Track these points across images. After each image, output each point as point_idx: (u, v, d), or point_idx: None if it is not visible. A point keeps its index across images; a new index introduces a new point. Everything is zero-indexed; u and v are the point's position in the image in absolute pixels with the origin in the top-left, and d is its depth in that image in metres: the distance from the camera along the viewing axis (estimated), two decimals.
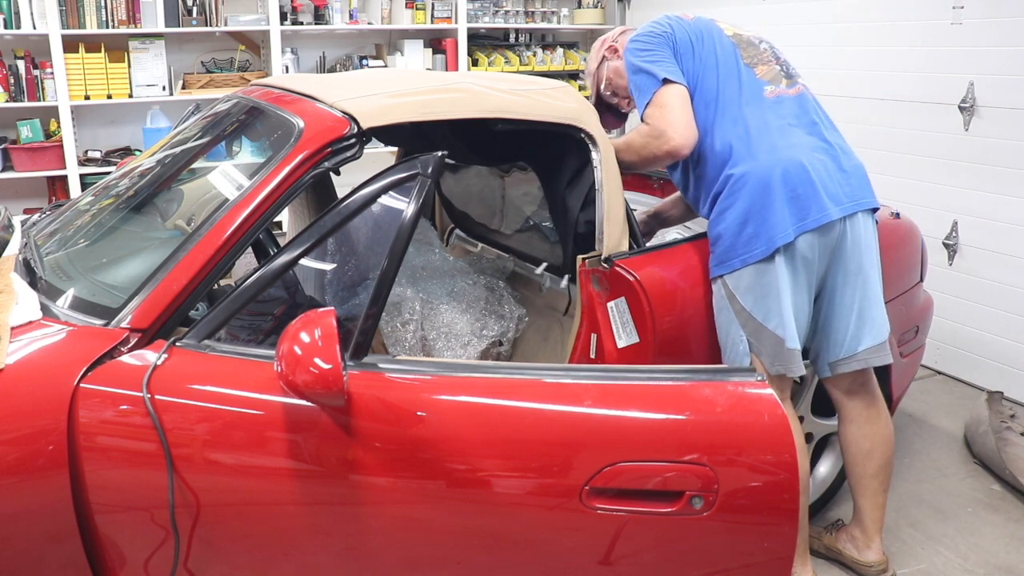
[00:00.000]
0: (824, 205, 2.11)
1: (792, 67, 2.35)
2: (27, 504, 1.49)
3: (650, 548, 1.55)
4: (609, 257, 2.13)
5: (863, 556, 2.41)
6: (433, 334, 2.44)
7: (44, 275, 1.88)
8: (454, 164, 2.98)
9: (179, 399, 1.54)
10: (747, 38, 2.33)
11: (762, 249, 2.10)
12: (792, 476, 1.50)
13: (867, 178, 2.24)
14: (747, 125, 2.17)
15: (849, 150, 2.25)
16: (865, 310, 2.20)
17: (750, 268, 2.12)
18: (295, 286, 2.12)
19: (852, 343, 2.21)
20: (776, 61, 2.31)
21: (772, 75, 2.26)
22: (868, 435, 2.30)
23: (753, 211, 2.11)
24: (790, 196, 2.10)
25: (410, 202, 1.66)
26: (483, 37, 5.74)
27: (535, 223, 2.77)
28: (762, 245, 2.10)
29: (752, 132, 2.16)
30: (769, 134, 2.15)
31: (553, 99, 2.13)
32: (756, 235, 2.10)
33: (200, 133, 2.35)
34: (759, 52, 2.30)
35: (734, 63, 2.25)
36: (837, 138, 2.25)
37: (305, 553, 1.57)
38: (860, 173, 2.22)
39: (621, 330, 2.11)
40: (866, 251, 2.19)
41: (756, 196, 2.11)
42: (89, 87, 4.60)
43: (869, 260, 2.20)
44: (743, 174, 2.12)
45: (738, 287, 2.14)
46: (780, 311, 2.11)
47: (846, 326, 2.21)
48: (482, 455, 1.53)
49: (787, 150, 2.13)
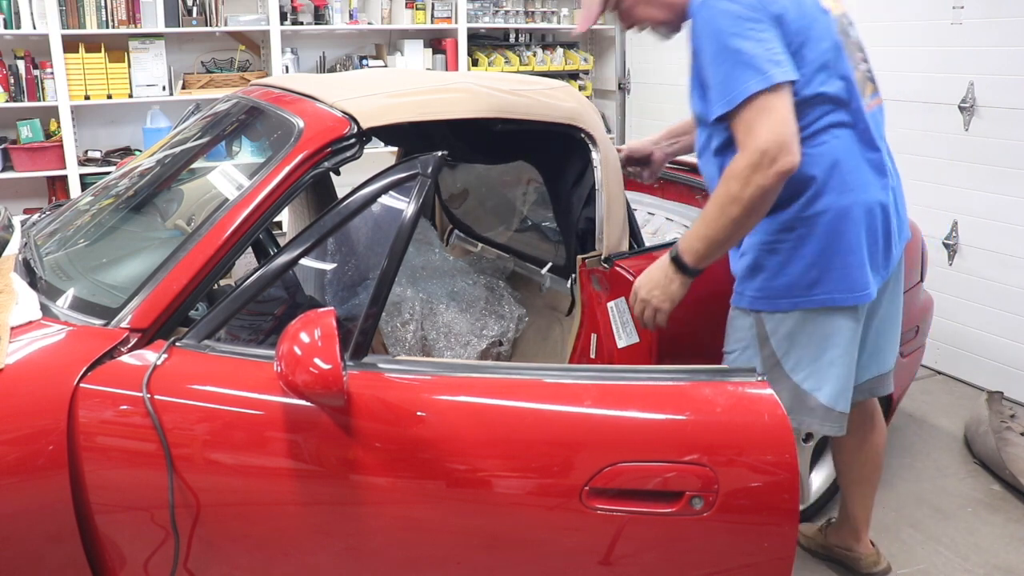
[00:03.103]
0: (895, 251, 1.88)
1: (870, 64, 1.94)
2: (27, 504, 1.49)
3: (650, 548, 1.55)
4: (609, 257, 2.13)
5: (855, 550, 2.40)
6: (433, 334, 2.45)
7: (44, 275, 1.88)
8: (453, 164, 2.98)
9: (179, 399, 1.54)
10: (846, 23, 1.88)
11: (823, 299, 1.82)
12: (792, 476, 1.50)
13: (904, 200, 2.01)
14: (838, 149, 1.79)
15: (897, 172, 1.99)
16: (882, 341, 2.05)
17: (798, 313, 1.84)
18: (295, 286, 2.12)
19: (859, 374, 2.04)
20: (862, 56, 1.90)
21: (863, 83, 1.86)
22: (863, 445, 2.27)
23: (826, 256, 1.80)
24: (872, 247, 1.83)
25: (410, 202, 1.66)
26: (483, 37, 5.74)
27: (535, 223, 2.77)
28: (824, 295, 1.82)
29: (843, 159, 1.79)
30: (860, 164, 1.81)
31: (553, 99, 2.13)
32: (820, 282, 1.81)
33: (200, 133, 2.35)
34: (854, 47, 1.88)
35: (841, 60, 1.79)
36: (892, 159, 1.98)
37: (305, 553, 1.57)
38: (903, 201, 1.98)
39: (621, 330, 2.11)
40: (900, 281, 2.04)
41: (834, 240, 1.79)
42: (89, 87, 4.60)
43: (900, 297, 2.05)
44: (823, 210, 1.79)
45: (776, 331, 1.87)
46: (815, 365, 1.87)
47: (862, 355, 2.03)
48: (482, 455, 1.52)
49: (874, 188, 1.82)
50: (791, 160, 1.64)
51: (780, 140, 1.63)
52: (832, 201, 1.79)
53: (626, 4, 1.92)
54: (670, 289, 1.82)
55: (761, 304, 1.88)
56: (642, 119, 5.83)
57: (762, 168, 1.64)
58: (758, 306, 1.88)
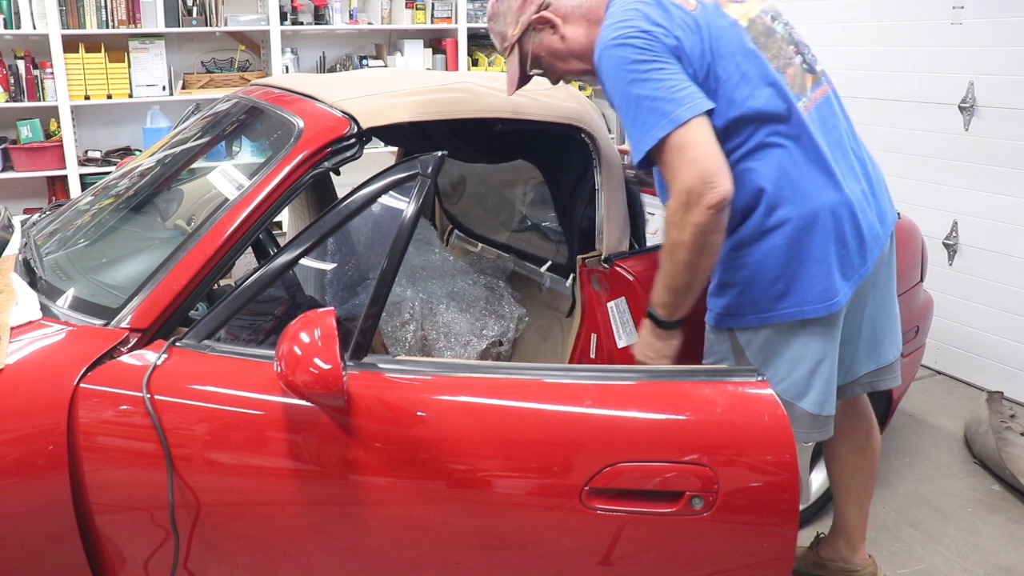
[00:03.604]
0: (869, 254, 1.80)
1: (809, 52, 1.85)
2: (27, 504, 1.49)
3: (650, 548, 1.54)
4: (609, 257, 2.13)
5: (851, 562, 2.31)
6: (433, 334, 2.44)
7: (44, 275, 1.88)
8: (452, 165, 2.98)
9: (179, 399, 1.54)
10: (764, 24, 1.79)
11: (792, 311, 1.76)
12: (792, 476, 1.50)
13: (886, 185, 1.94)
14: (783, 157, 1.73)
15: (870, 156, 1.91)
16: (878, 334, 1.98)
17: (769, 329, 1.80)
18: (295, 286, 2.12)
19: (854, 368, 2.00)
20: (796, 50, 1.81)
21: (800, 80, 1.79)
22: (859, 452, 2.19)
23: (791, 268, 1.74)
24: (841, 251, 1.76)
25: (410, 202, 1.66)
26: (483, 37, 5.73)
27: (535, 223, 2.77)
28: (793, 307, 1.76)
29: (789, 167, 1.72)
30: (808, 169, 1.73)
31: (553, 99, 2.13)
32: (787, 294, 1.76)
33: (200, 133, 2.35)
34: (780, 44, 1.78)
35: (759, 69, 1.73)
36: (858, 145, 1.88)
37: (305, 553, 1.57)
38: (883, 184, 1.91)
39: (621, 330, 2.11)
40: (891, 273, 1.96)
41: (795, 253, 1.73)
42: (89, 87, 4.60)
43: (892, 284, 1.97)
44: (781, 221, 1.73)
45: (750, 344, 1.83)
46: (794, 375, 1.83)
47: (852, 352, 1.97)
48: (482, 455, 1.52)
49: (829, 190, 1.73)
50: (719, 191, 1.58)
51: (701, 175, 1.58)
52: (789, 212, 1.73)
53: (545, 63, 1.89)
54: (658, 346, 1.78)
55: (730, 321, 1.84)
56: None
57: (692, 207, 1.59)
58: (727, 323, 1.84)
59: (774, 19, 1.82)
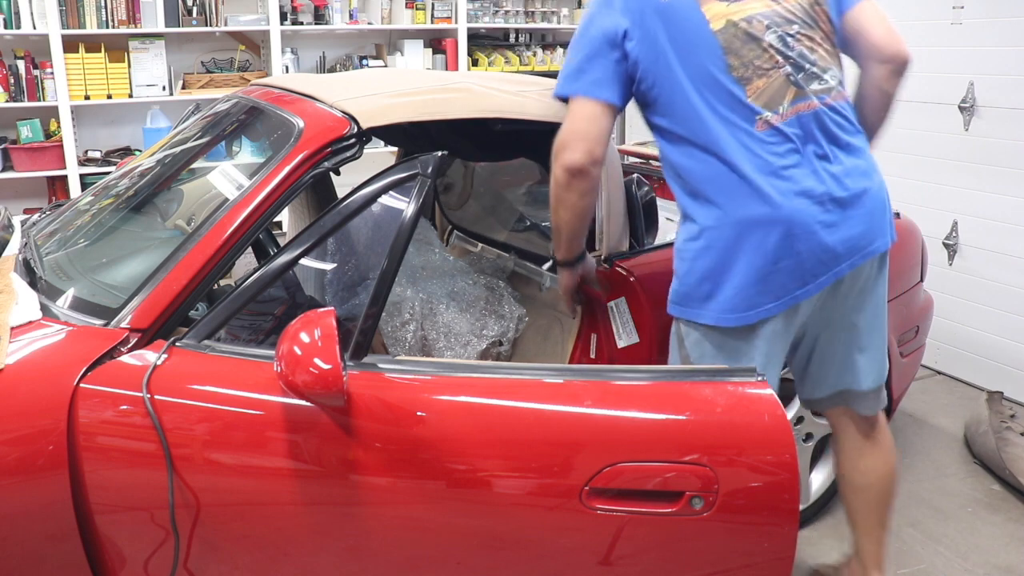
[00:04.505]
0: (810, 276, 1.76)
1: (814, 62, 1.80)
2: (27, 504, 1.49)
3: (650, 548, 1.54)
4: (609, 257, 2.13)
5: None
6: (433, 334, 2.44)
7: (44, 275, 1.88)
8: (454, 176, 2.98)
9: (179, 399, 1.54)
10: (745, 31, 1.77)
11: (713, 318, 1.79)
12: (792, 476, 1.50)
13: (881, 209, 1.86)
14: (721, 168, 1.74)
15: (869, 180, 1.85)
16: (852, 356, 1.95)
17: (699, 327, 1.83)
18: (295, 286, 2.12)
19: (829, 385, 1.99)
20: (784, 61, 1.77)
21: (771, 92, 1.76)
22: (861, 469, 2.07)
23: (716, 272, 1.77)
24: (765, 272, 1.74)
25: (410, 202, 1.66)
26: (483, 37, 5.74)
27: (535, 222, 2.77)
28: (715, 312, 1.79)
29: (729, 180, 1.74)
30: (752, 185, 1.72)
31: (553, 99, 2.12)
32: (711, 297, 1.79)
33: (200, 133, 2.35)
34: (760, 54, 1.76)
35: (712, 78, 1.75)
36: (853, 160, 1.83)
37: (305, 553, 1.57)
38: (870, 208, 1.82)
39: (621, 330, 2.11)
40: (864, 300, 1.90)
41: (722, 259, 1.76)
42: (89, 87, 4.60)
43: (867, 309, 1.92)
44: (711, 227, 1.77)
45: (688, 335, 1.86)
46: None
47: (825, 372, 1.98)
48: (482, 455, 1.52)
49: (775, 210, 1.72)
50: (568, 157, 1.78)
51: (562, 138, 1.80)
52: (716, 219, 1.77)
53: None
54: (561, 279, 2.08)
55: (673, 308, 1.88)
56: (642, 119, 5.82)
57: (553, 161, 1.82)
58: (672, 309, 1.89)
59: (772, 27, 1.78)
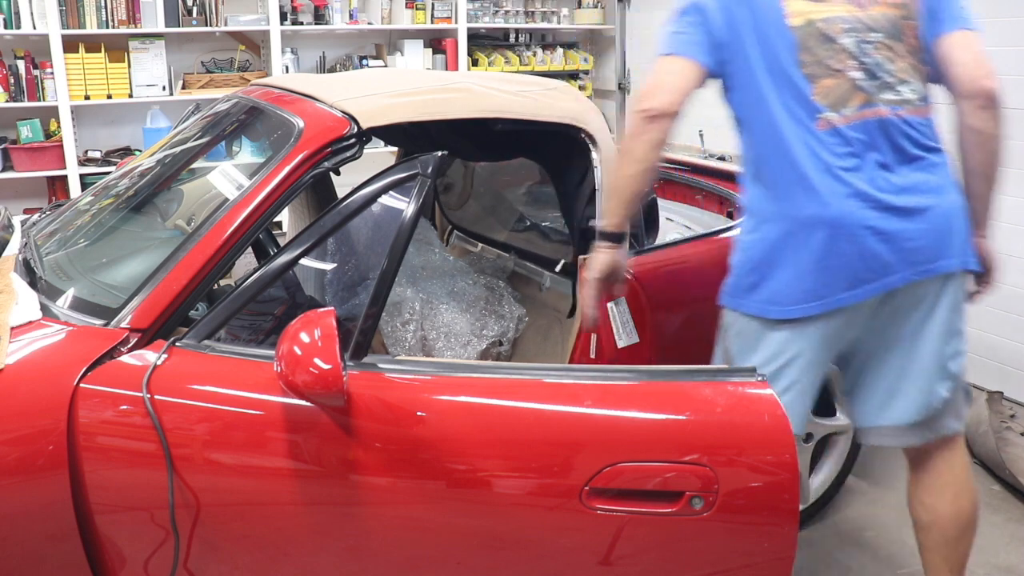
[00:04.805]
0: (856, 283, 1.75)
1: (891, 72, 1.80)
2: (27, 504, 1.49)
3: (650, 548, 1.55)
4: None
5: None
6: (433, 334, 2.44)
7: (44, 275, 1.88)
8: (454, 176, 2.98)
9: (179, 399, 1.54)
10: (822, 30, 1.76)
11: (757, 308, 1.81)
12: (792, 476, 1.50)
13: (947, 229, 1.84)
14: (779, 160, 1.76)
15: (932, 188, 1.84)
16: (901, 384, 1.87)
17: (743, 316, 1.84)
18: (295, 286, 2.12)
19: (876, 416, 1.92)
20: (857, 66, 1.76)
21: (838, 94, 1.75)
22: (927, 506, 1.97)
23: (764, 264, 1.79)
24: (810, 269, 1.75)
25: (410, 202, 1.66)
26: (483, 37, 5.74)
27: (535, 223, 2.77)
28: (758, 303, 1.81)
29: (786, 173, 1.76)
30: (806, 182, 1.73)
31: (553, 99, 2.13)
32: (757, 288, 1.81)
33: (200, 133, 2.35)
34: (832, 54, 1.76)
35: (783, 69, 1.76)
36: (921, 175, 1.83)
37: (305, 553, 1.57)
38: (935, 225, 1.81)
39: (621, 330, 2.11)
40: (924, 324, 1.83)
41: (771, 252, 1.78)
42: (89, 87, 4.60)
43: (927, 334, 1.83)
44: (765, 220, 1.80)
45: (732, 326, 1.88)
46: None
47: (873, 396, 1.91)
48: (482, 455, 1.52)
49: (824, 208, 1.73)
50: (647, 102, 1.75)
51: (646, 89, 1.79)
52: (775, 212, 1.78)
53: None
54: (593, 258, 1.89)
55: (722, 298, 1.90)
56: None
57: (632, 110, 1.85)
58: (721, 299, 1.91)
59: (851, 31, 1.77)
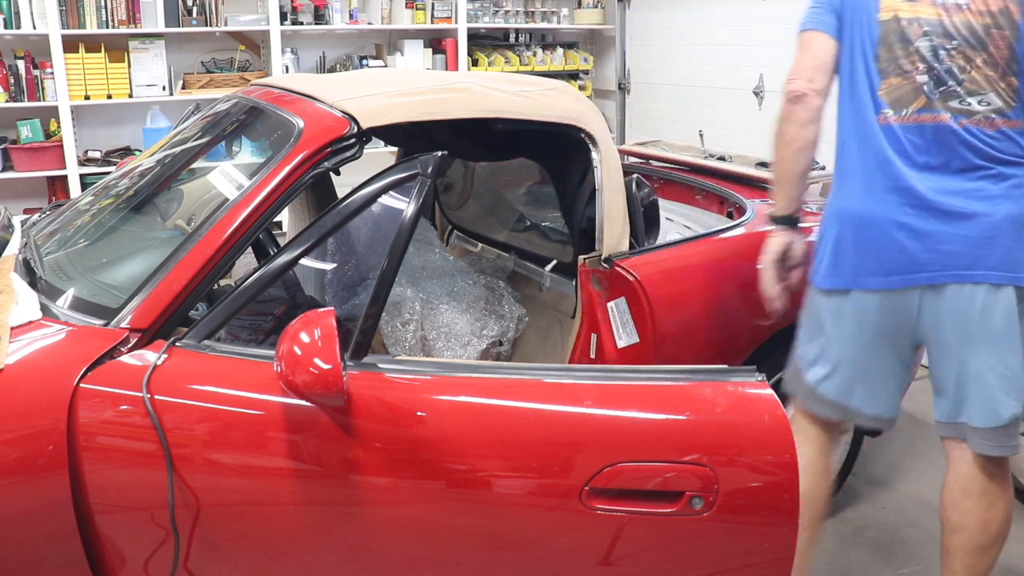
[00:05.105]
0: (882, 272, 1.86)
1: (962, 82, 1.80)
2: (27, 504, 1.49)
3: (650, 548, 1.55)
4: (609, 257, 2.13)
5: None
6: (433, 334, 2.45)
7: (44, 275, 1.88)
8: (454, 176, 2.98)
9: (179, 399, 1.54)
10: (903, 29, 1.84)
11: (816, 279, 1.98)
12: (792, 476, 1.50)
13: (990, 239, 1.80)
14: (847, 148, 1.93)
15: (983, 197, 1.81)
16: (964, 388, 1.88)
17: (813, 289, 2.00)
18: (295, 286, 2.12)
19: (952, 413, 1.93)
20: (925, 70, 1.82)
21: (900, 94, 1.84)
22: (960, 508, 1.94)
23: (823, 240, 1.97)
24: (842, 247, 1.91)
25: (410, 202, 1.66)
26: (483, 37, 5.74)
27: (535, 223, 2.78)
28: (816, 276, 1.99)
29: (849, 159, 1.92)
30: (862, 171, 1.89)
31: (553, 99, 2.13)
32: (820, 259, 1.98)
33: (200, 133, 2.35)
34: (905, 55, 1.83)
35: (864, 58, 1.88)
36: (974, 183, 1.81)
37: (305, 553, 1.57)
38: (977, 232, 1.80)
39: (621, 330, 2.12)
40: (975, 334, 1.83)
41: (826, 229, 1.97)
42: (89, 87, 4.60)
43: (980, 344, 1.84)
44: (830, 200, 1.99)
45: (808, 298, 2.03)
46: (811, 343, 1.99)
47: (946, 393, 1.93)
48: (482, 455, 1.52)
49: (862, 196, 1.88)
50: (792, 85, 1.91)
51: (790, 72, 1.93)
52: (835, 193, 1.98)
53: None
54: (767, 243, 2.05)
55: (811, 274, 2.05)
56: (642, 119, 5.82)
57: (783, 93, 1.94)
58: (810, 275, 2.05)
59: (929, 35, 1.81)
